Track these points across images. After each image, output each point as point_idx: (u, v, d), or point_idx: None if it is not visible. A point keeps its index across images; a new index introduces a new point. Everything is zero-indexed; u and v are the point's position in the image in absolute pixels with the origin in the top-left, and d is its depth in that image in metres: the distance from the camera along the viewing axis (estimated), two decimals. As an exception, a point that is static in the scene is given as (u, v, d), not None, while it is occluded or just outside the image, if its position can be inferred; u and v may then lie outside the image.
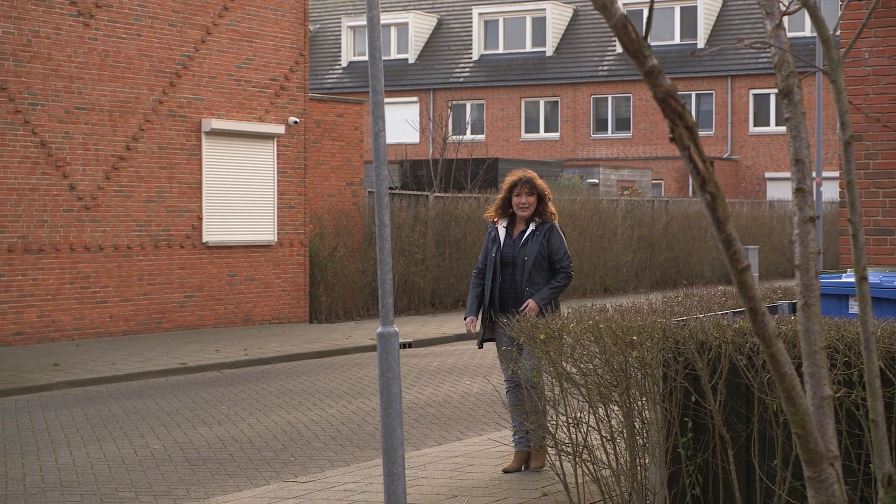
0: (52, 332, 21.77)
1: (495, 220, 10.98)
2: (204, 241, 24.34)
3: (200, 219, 24.31)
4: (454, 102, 50.27)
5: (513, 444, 10.82)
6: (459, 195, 31.30)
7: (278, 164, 25.73)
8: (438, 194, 30.93)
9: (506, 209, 10.95)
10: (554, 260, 10.72)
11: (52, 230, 21.80)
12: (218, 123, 24.39)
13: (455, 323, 26.00)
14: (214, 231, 24.56)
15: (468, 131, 47.17)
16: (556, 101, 53.33)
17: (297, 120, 26.12)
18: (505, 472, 10.49)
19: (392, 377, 7.10)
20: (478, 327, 10.93)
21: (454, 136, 39.12)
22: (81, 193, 22.25)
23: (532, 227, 10.80)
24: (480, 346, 11.10)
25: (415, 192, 30.79)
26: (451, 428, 13.76)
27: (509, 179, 10.93)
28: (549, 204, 10.89)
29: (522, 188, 10.82)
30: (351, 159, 28.57)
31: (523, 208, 10.79)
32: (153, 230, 23.49)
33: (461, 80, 54.22)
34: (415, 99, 54.51)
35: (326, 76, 56.16)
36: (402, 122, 50.11)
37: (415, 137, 52.42)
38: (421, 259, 28.68)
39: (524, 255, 10.70)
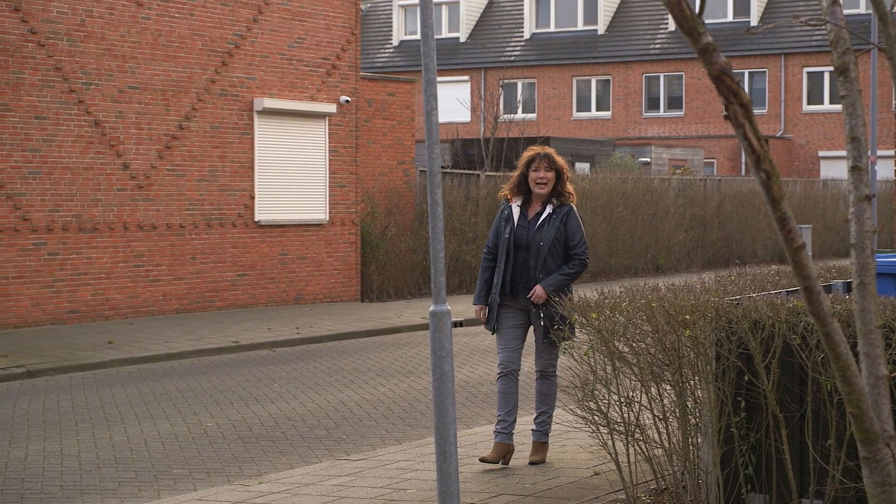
0: (106, 311, 21.93)
1: (509, 197, 10.32)
2: (256, 219, 24.43)
3: (252, 198, 24.39)
4: (505, 81, 50.16)
5: (493, 435, 10.26)
6: (511, 174, 31.21)
7: (330, 143, 25.77)
8: (490, 173, 30.90)
9: (521, 187, 10.27)
10: (569, 245, 10.13)
11: (106, 209, 21.94)
12: (270, 102, 24.44)
13: (506, 302, 25.94)
14: (266, 210, 24.64)
15: (519, 110, 47.10)
16: (608, 80, 53.12)
17: (349, 99, 26.15)
18: (482, 461, 10.00)
19: (444, 355, 7.10)
20: (486, 313, 10.28)
21: (505, 115, 39.05)
22: (135, 172, 22.37)
23: (549, 209, 10.17)
24: (494, 332, 10.29)
25: (466, 171, 30.78)
26: (502, 407, 13.74)
27: (526, 154, 10.30)
28: (568, 183, 10.30)
29: (541, 163, 10.17)
30: (402, 138, 28.58)
31: (541, 184, 10.14)
32: (206, 209, 23.59)
33: (512, 58, 54.09)
34: (466, 78, 54.44)
35: (378, 55, 56.16)
36: (454, 101, 50.07)
37: (466, 116, 52.35)
38: (472, 238, 28.67)
39: (539, 240, 10.07)
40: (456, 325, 22.57)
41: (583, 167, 38.30)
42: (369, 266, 26.53)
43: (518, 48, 54.46)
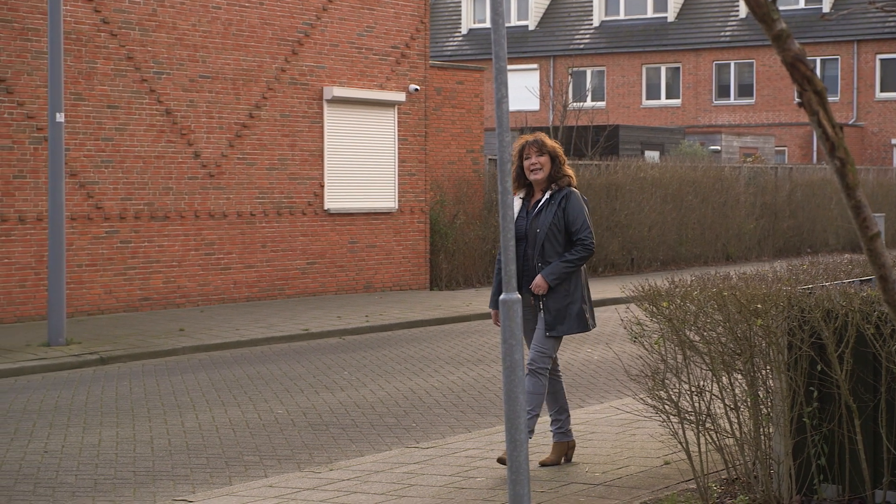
0: (178, 298, 22.10)
1: (514, 191, 9.79)
2: (326, 208, 24.52)
3: (322, 186, 24.48)
4: (574, 69, 50.01)
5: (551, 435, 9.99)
6: (580, 162, 31.17)
7: (399, 131, 25.81)
8: (559, 161, 30.74)
9: (521, 179, 9.77)
10: (571, 231, 9.57)
11: (178, 197, 22.11)
12: (339, 91, 24.51)
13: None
14: (336, 198, 24.72)
15: (588, 98, 46.94)
16: (678, 68, 52.81)
17: (418, 87, 26.17)
18: (542, 464, 9.67)
19: (514, 344, 7.10)
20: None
21: (574, 103, 38.94)
22: (206, 161, 22.52)
23: (546, 195, 9.68)
24: None
25: (535, 160, 30.65)
26: (571, 395, 13.72)
27: (516, 145, 9.79)
28: (565, 166, 9.77)
29: (530, 149, 9.67)
30: (471, 127, 28.57)
31: (535, 170, 9.62)
32: (276, 197, 23.71)
33: (581, 46, 53.91)
34: (535, 66, 54.32)
35: (447, 44, 56.15)
36: (523, 90, 49.97)
37: (535, 105, 52.24)
38: (541, 226, 28.56)
39: (536, 227, 9.58)
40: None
41: (652, 155, 38.13)
42: (438, 254, 26.56)
43: (587, 36, 54.26)
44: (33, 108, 20.00)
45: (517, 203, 9.75)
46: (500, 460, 9.42)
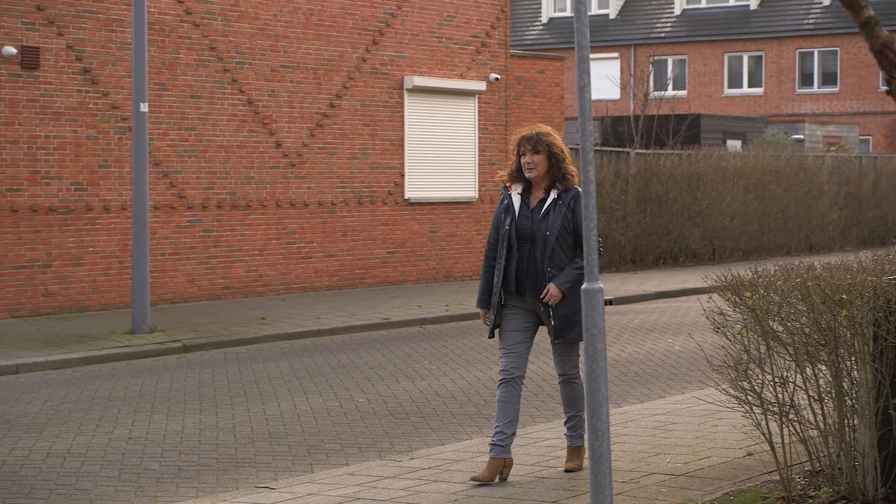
0: (259, 287, 22.25)
1: (508, 185, 9.21)
2: (406, 197, 24.56)
3: (402, 175, 24.53)
4: (655, 58, 49.72)
5: (489, 448, 9.15)
6: (661, 151, 31.00)
7: (479, 120, 25.80)
8: (640, 151, 30.67)
9: (519, 175, 9.17)
10: (579, 234, 8.91)
11: (259, 187, 22.25)
12: (420, 80, 24.54)
13: (657, 280, 25.80)
14: (416, 188, 24.76)
15: (670, 87, 46.65)
16: (760, 56, 52.35)
17: (498, 77, 26.14)
18: (473, 480, 8.92)
19: (597, 333, 7.07)
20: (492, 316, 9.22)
21: (655, 92, 38.73)
22: (287, 150, 22.64)
23: (554, 194, 9.03)
24: (491, 336, 9.34)
25: (616, 149, 30.59)
26: (652, 385, 13.68)
27: (513, 139, 9.26)
28: (566, 164, 9.08)
29: (525, 146, 9.09)
30: (552, 116, 28.48)
31: (530, 169, 9.01)
32: (356, 187, 23.79)
33: (663, 35, 53.59)
34: (615, 55, 54.08)
35: (527, 32, 56.04)
36: (603, 79, 49.75)
37: (615, 94, 52.01)
38: (622, 216, 28.50)
39: (545, 230, 8.94)
40: (607, 303, 22.47)
41: (734, 145, 37.84)
42: (518, 244, 26.49)
43: (668, 24, 53.92)
44: (118, 98, 20.21)
45: (516, 199, 9.12)
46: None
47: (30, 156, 19.30)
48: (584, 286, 7.16)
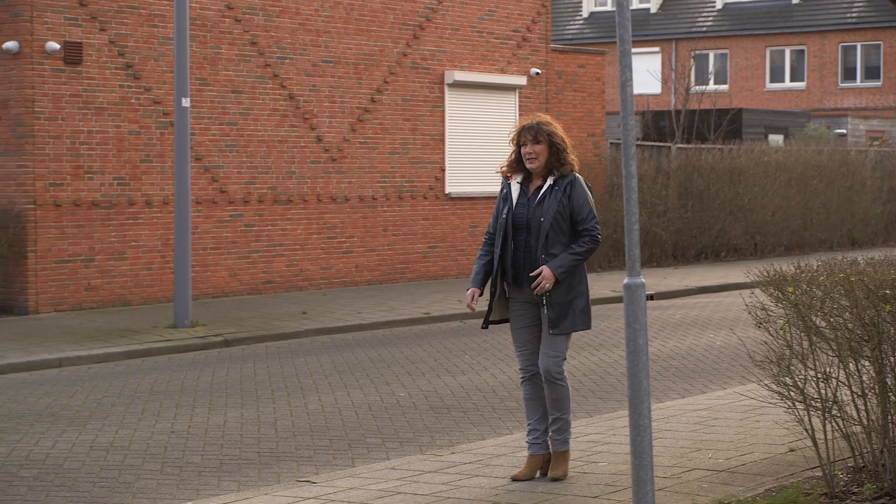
0: (301, 281, 22.31)
1: (508, 175, 9.05)
2: (446, 192, 24.57)
3: (443, 170, 24.54)
4: (697, 52, 49.51)
5: (526, 446, 9.11)
6: (702, 146, 30.89)
7: (520, 115, 25.76)
8: (681, 145, 30.57)
9: (519, 163, 8.99)
10: (577, 220, 8.80)
11: (300, 181, 22.30)
12: (461, 75, 24.54)
13: (698, 275, 25.71)
14: (456, 182, 24.76)
15: (711, 81, 46.47)
16: (803, 50, 52.06)
17: (539, 71, 26.10)
18: (514, 479, 8.87)
19: (638, 328, 7.05)
20: (478, 303, 9.14)
21: (697, 87, 38.58)
22: (328, 145, 22.69)
23: (550, 181, 8.86)
24: (485, 327, 9.29)
25: (657, 143, 30.51)
26: (694, 381, 13.64)
27: (515, 129, 9.06)
28: (567, 154, 8.92)
29: (526, 136, 8.87)
30: (593, 110, 28.44)
31: (530, 159, 8.84)
32: (397, 181, 23.81)
33: (704, 29, 53.36)
34: (657, 49, 53.89)
35: (567, 27, 55.93)
36: (644, 73, 49.59)
37: (656, 88, 51.84)
38: (663, 211, 28.41)
39: (540, 216, 8.78)
40: (648, 297, 22.39)
41: (776, 139, 37.66)
42: (559, 238, 26.43)
43: (710, 18, 53.68)
44: (160, 93, 20.29)
45: (514, 188, 8.95)
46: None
47: (73, 151, 19.41)
48: (625, 281, 7.14)
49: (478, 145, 25.10)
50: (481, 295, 9.10)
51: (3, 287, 19.10)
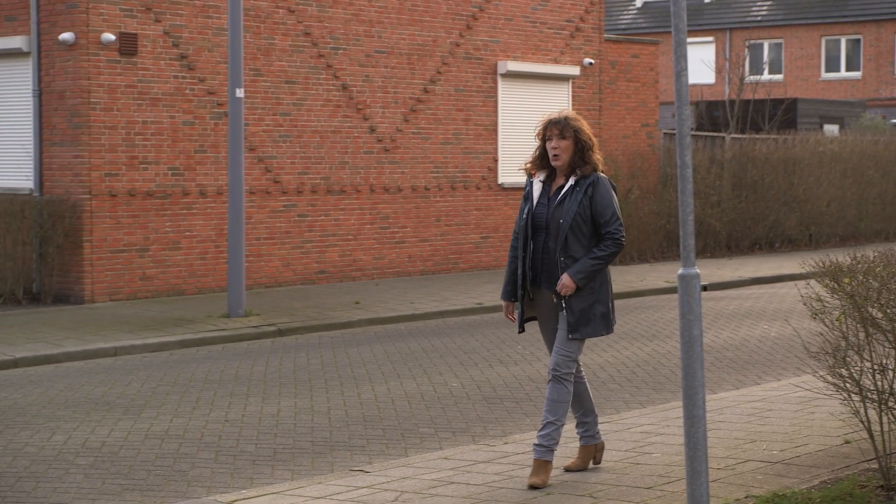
0: (353, 271, 22.36)
1: (532, 172, 8.82)
2: (499, 182, 24.55)
3: (496, 160, 24.52)
4: (751, 42, 49.21)
5: (577, 437, 9.04)
6: (757, 136, 30.72)
7: (573, 105, 25.70)
8: (735, 135, 30.40)
9: (543, 160, 8.75)
10: (599, 223, 8.51)
11: (353, 172, 22.34)
12: (514, 65, 24.50)
13: (752, 266, 25.58)
14: (509, 173, 24.73)
15: (765, 71, 46.18)
16: (859, 39, 51.63)
17: (592, 61, 26.03)
18: (567, 469, 8.84)
19: (693, 319, 7.02)
20: (516, 310, 8.85)
21: (751, 77, 38.35)
22: (381, 136, 22.72)
23: (571, 181, 8.60)
24: (521, 330, 8.87)
25: (711, 134, 30.37)
26: (748, 372, 13.57)
27: (541, 122, 8.83)
28: (592, 152, 8.67)
29: (552, 130, 8.65)
30: (646, 100, 28.34)
31: (555, 156, 8.60)
32: (450, 172, 23.82)
33: (758, 18, 53.03)
34: (710, 39, 53.61)
35: (621, 17, 55.73)
36: (699, 63, 49.36)
37: (710, 78, 51.56)
38: (717, 201, 28.28)
39: (559, 217, 8.51)
40: (702, 288, 22.32)
41: (831, 129, 37.39)
42: (612, 229, 26.34)
43: (764, 8, 53.34)
44: (214, 83, 20.38)
45: (537, 187, 8.71)
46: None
47: (128, 141, 19.53)
48: (679, 271, 7.11)
49: (531, 136, 24.95)
50: (515, 303, 8.83)
51: (60, 276, 19.26)
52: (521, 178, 26.02)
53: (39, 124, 19.52)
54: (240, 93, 17.69)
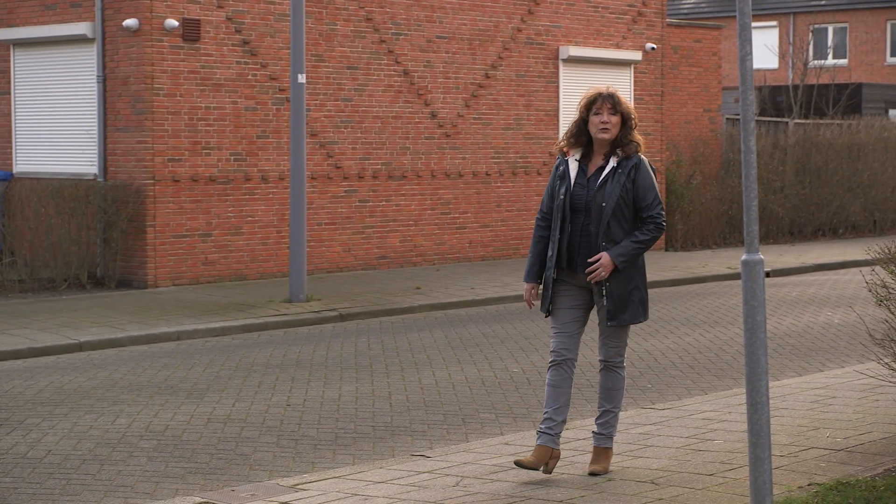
0: (414, 257, 22.38)
1: (566, 150, 8.48)
2: (560, 168, 24.46)
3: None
4: (815, 26, 48.77)
5: (535, 435, 8.60)
6: (821, 121, 30.45)
7: (635, 91, 25.58)
8: (798, 121, 30.16)
9: (580, 136, 8.43)
10: (641, 207, 8.26)
11: (414, 157, 22.36)
12: (575, 51, 24.41)
13: (816, 252, 25.38)
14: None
15: (830, 56, 45.77)
16: (925, 23, 51.02)
17: (655, 46, 25.88)
18: (517, 464, 8.33)
19: (757, 305, 6.97)
20: (538, 293, 8.55)
21: (815, 61, 38.02)
22: (442, 121, 22.71)
23: (613, 162, 8.31)
24: (548, 314, 8.47)
25: (774, 119, 30.14)
26: (811, 359, 13.48)
27: (587, 95, 8.49)
28: (635, 132, 8.47)
29: (604, 104, 8.36)
30: (708, 85, 28.16)
31: (605, 129, 8.31)
32: (511, 157, 23.78)
33: (823, 2, 52.53)
34: (774, 23, 53.17)
35: (683, 1, 55.38)
36: (761, 47, 48.96)
37: (773, 63, 51.14)
38: (780, 187, 28.08)
39: (601, 200, 8.21)
40: (765, 275, 22.18)
41: (897, 114, 37.01)
42: (674, 215, 26.28)
43: (829, -8, 52.81)
44: (276, 69, 20.45)
45: (573, 166, 8.39)
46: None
47: (191, 126, 19.63)
48: (743, 257, 7.06)
49: (592, 121, 24.91)
50: (540, 286, 8.50)
51: (123, 261, 19.41)
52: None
53: (104, 110, 19.67)
54: (302, 78, 17.74)
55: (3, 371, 13.24)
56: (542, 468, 8.32)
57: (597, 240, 8.21)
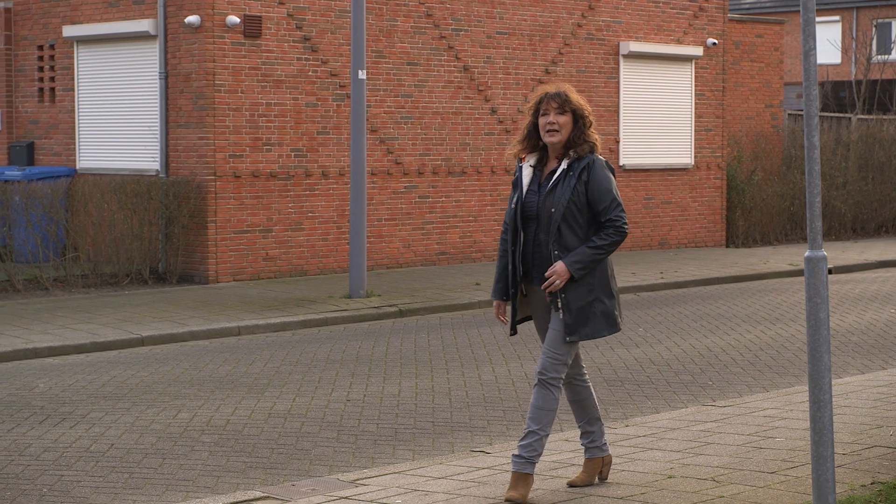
0: (474, 253, 22.38)
1: (522, 157, 7.89)
2: (621, 164, 24.40)
3: (618, 142, 24.38)
4: (879, 21, 48.32)
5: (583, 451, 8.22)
6: (884, 117, 30.18)
7: (696, 86, 25.46)
8: (862, 116, 29.90)
9: (532, 141, 7.85)
10: (598, 210, 7.64)
11: (474, 153, 22.35)
12: (636, 46, 24.32)
13: (878, 249, 25.17)
14: (631, 154, 24.58)
15: (893, 51, 45.35)
16: None
17: (716, 41, 25.74)
18: (570, 485, 8.04)
19: (820, 302, 6.93)
20: (508, 312, 7.99)
21: (878, 56, 37.69)
22: (502, 117, 22.69)
23: (564, 164, 7.69)
24: (513, 333, 8.06)
25: (836, 115, 29.90)
26: (873, 356, 13.37)
27: (534, 95, 7.89)
28: (590, 131, 7.79)
29: (549, 104, 7.72)
30: (770, 81, 27.98)
31: (552, 131, 7.68)
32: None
33: (886, -3, 52.02)
34: (836, 18, 52.73)
35: (745, -4, 55.00)
36: (824, 42, 48.59)
37: (836, 58, 50.73)
38: (842, 183, 27.86)
39: (550, 206, 7.63)
40: (828, 271, 22.00)
41: (961, 110, 36.62)
42: (735, 211, 26.14)
43: (893, -14, 52.31)
44: (336, 65, 20.50)
45: (527, 172, 7.81)
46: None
47: (252, 123, 19.72)
48: (806, 254, 7.01)
49: (652, 117, 24.87)
50: (507, 302, 7.97)
51: (185, 257, 19.53)
52: (643, 160, 25.96)
53: (166, 106, 19.80)
54: (362, 74, 17.77)
55: (66, 365, 13.37)
56: (597, 479, 8.09)
57: (548, 248, 7.66)
